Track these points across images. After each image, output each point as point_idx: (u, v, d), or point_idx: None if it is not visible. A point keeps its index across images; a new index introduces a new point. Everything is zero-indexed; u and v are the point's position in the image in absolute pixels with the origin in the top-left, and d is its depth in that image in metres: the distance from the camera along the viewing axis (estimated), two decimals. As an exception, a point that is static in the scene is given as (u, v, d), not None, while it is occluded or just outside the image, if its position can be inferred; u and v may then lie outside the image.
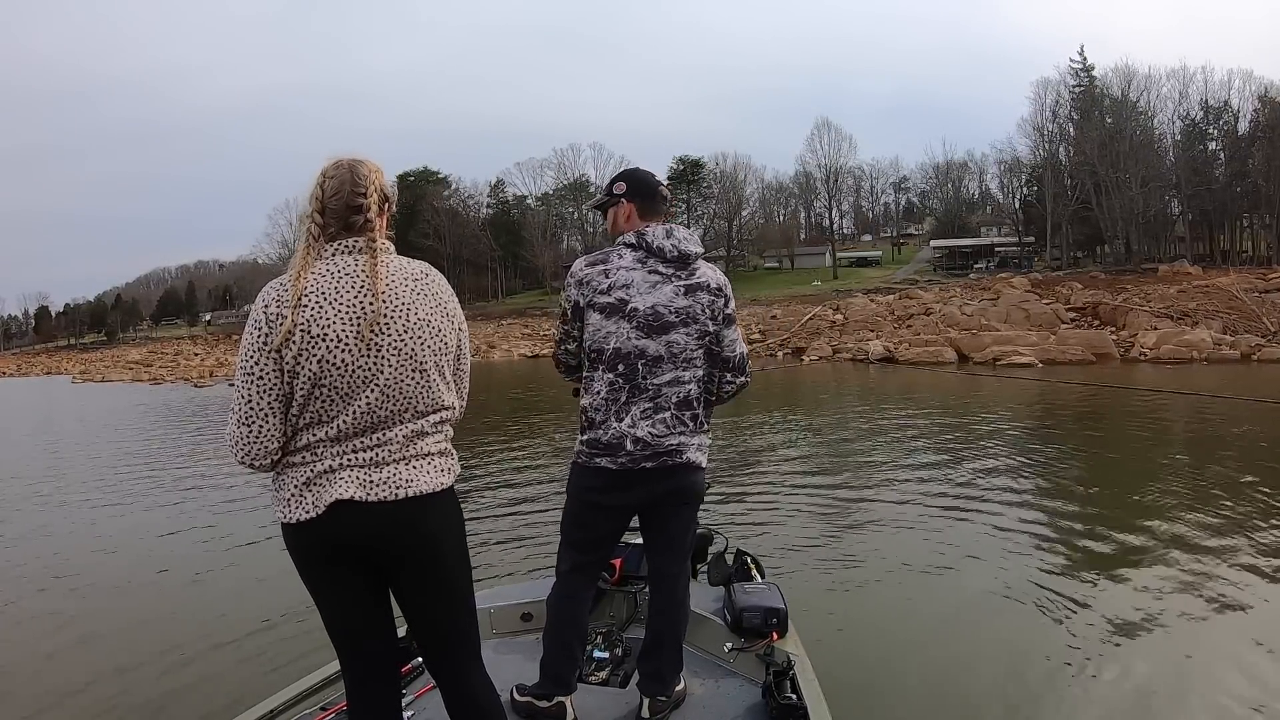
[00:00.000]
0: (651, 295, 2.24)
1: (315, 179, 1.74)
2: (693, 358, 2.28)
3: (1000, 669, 3.72)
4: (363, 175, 1.74)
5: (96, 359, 65.03)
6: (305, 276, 1.66)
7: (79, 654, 4.28)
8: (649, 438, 2.22)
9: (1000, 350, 24.04)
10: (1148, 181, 53.28)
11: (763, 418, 13.42)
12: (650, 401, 2.24)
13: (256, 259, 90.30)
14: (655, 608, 2.42)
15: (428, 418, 1.74)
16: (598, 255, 2.32)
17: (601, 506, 2.30)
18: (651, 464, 2.24)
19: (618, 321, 2.23)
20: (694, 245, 2.32)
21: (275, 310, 1.64)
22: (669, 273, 2.27)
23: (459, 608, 1.83)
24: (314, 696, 2.38)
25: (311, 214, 1.72)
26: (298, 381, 1.64)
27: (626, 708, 2.40)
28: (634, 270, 2.26)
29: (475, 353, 40.64)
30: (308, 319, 1.63)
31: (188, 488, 8.94)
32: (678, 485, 2.29)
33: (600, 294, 2.24)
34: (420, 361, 1.71)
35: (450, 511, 1.78)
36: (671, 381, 2.25)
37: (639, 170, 2.46)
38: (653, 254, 2.27)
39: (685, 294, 2.27)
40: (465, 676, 1.86)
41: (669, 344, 2.24)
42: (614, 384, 2.23)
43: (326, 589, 1.73)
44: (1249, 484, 7.16)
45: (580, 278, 2.28)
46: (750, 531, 5.98)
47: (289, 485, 1.67)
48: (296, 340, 1.62)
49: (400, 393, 1.69)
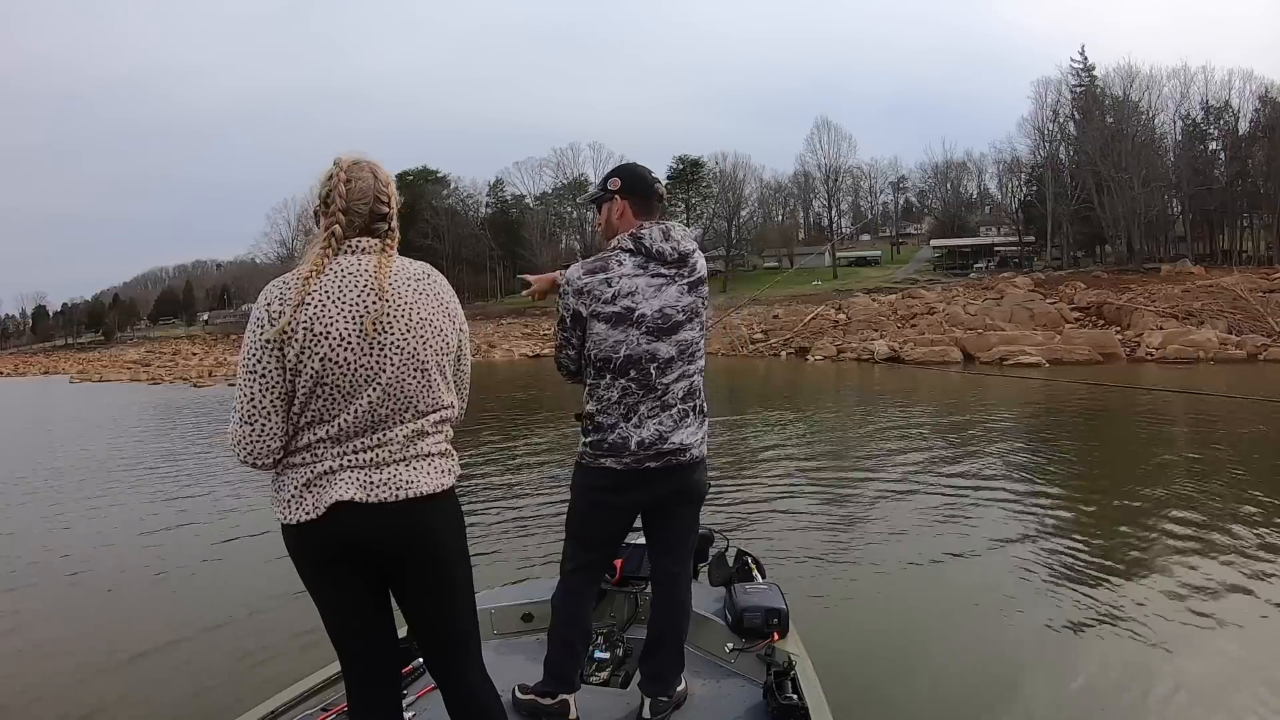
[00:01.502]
0: (658, 299, 2.22)
1: (332, 178, 1.72)
2: (699, 350, 2.31)
3: (1001, 669, 3.71)
4: (384, 181, 1.74)
5: (94, 359, 64.91)
6: (316, 277, 1.65)
7: (79, 654, 4.24)
8: (655, 437, 2.22)
9: (1007, 350, 23.99)
10: (1150, 181, 53.25)
11: (765, 417, 13.42)
12: (657, 400, 2.23)
13: (254, 259, 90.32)
14: (657, 608, 2.42)
15: (428, 417, 1.74)
16: (596, 263, 2.26)
17: (607, 506, 2.30)
18: (656, 464, 2.23)
19: (626, 330, 2.20)
20: (691, 243, 2.30)
21: (278, 308, 1.63)
22: (671, 274, 2.25)
23: (459, 609, 1.82)
24: (315, 697, 2.38)
25: (334, 212, 1.70)
26: (300, 380, 1.63)
27: (628, 708, 2.39)
28: (637, 277, 2.22)
29: (476, 352, 40.37)
30: (311, 316, 1.62)
31: (199, 486, 8.81)
32: (681, 485, 2.29)
33: (604, 304, 2.20)
34: (422, 361, 1.71)
35: (451, 512, 1.77)
36: (679, 377, 2.25)
37: (635, 166, 2.40)
38: (653, 258, 2.23)
39: (689, 291, 2.27)
40: (466, 677, 1.85)
41: (679, 343, 2.24)
42: (627, 389, 2.21)
43: (327, 590, 1.72)
44: (1260, 484, 7.11)
45: (579, 287, 2.23)
46: (751, 532, 5.97)
47: (289, 486, 1.66)
48: (299, 338, 1.62)
49: (402, 392, 1.69)
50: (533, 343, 43.32)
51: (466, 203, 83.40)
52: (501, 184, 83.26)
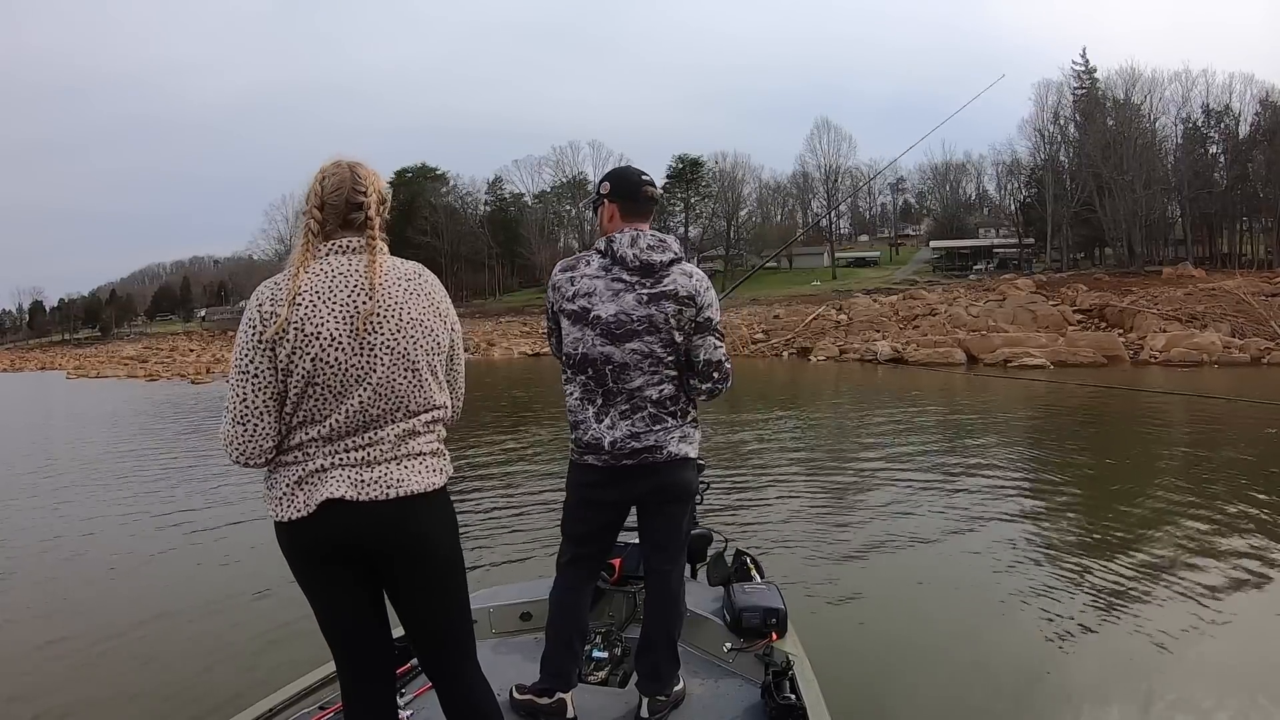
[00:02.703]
0: (614, 303, 2.24)
1: (314, 177, 1.76)
2: (660, 364, 2.26)
3: (1001, 669, 3.70)
4: (362, 175, 1.76)
5: (91, 355, 64.67)
6: (302, 275, 1.67)
7: (79, 654, 4.21)
8: (626, 437, 2.24)
9: (1011, 352, 23.93)
10: (1151, 184, 53.25)
11: (766, 417, 13.38)
12: (627, 403, 2.25)
13: (252, 255, 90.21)
14: (649, 605, 2.45)
15: (419, 417, 1.75)
16: (571, 261, 2.35)
17: (594, 502, 2.35)
18: (632, 462, 2.25)
19: (583, 329, 2.26)
20: (661, 254, 2.27)
21: (270, 309, 1.65)
22: (632, 280, 2.25)
23: (452, 607, 1.83)
24: (312, 696, 2.38)
25: (310, 209, 1.73)
26: (291, 380, 1.64)
27: (625, 707, 2.40)
28: (597, 279, 2.26)
29: (475, 351, 40.85)
30: (301, 317, 1.64)
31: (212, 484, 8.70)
32: (660, 483, 2.30)
33: (567, 300, 2.28)
34: (413, 361, 1.72)
35: (442, 511, 1.78)
36: (642, 385, 2.25)
37: (627, 169, 2.44)
38: (616, 262, 2.27)
39: (647, 302, 2.24)
40: (460, 677, 1.86)
41: (633, 351, 2.24)
42: (586, 386, 2.27)
43: (320, 588, 1.73)
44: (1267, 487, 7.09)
45: (554, 282, 2.33)
46: (750, 531, 5.96)
47: (280, 484, 1.67)
48: (290, 338, 1.63)
49: (393, 392, 1.70)
50: (531, 341, 43.24)
51: (465, 200, 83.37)
52: (500, 182, 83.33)
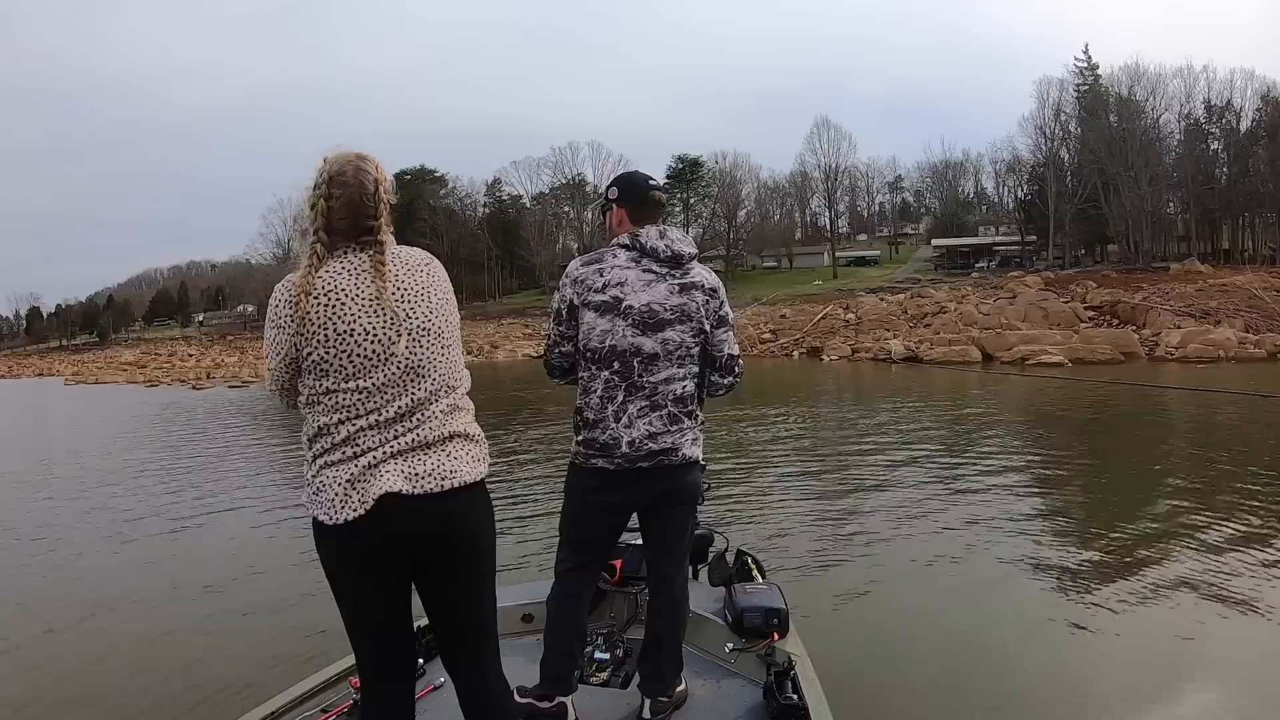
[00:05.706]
0: (646, 293, 2.27)
1: (318, 186, 1.70)
2: (688, 355, 2.31)
3: (1003, 669, 3.70)
4: (370, 193, 1.72)
5: (89, 360, 64.31)
6: (312, 279, 1.67)
7: (79, 655, 4.24)
8: (645, 436, 2.24)
9: (1028, 350, 23.75)
10: (1156, 180, 53.23)
11: (769, 416, 13.31)
12: (647, 399, 2.25)
13: (249, 259, 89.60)
14: (653, 608, 2.45)
15: (456, 391, 1.77)
16: (593, 255, 2.36)
17: (599, 506, 2.32)
18: (647, 464, 2.25)
19: (613, 319, 2.25)
20: (687, 246, 2.35)
21: (288, 311, 1.67)
22: (663, 271, 2.30)
23: (487, 602, 1.83)
24: (316, 698, 2.38)
25: (317, 231, 1.69)
26: (327, 380, 1.66)
27: (628, 709, 2.40)
28: (629, 269, 2.28)
29: (479, 353, 40.76)
30: (331, 318, 1.64)
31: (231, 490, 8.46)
32: (673, 486, 2.31)
33: (595, 292, 2.27)
34: (446, 339, 1.75)
35: (486, 504, 1.80)
36: (667, 379, 2.27)
37: (634, 174, 2.47)
38: (646, 254, 2.30)
39: (679, 292, 2.30)
40: (485, 671, 1.85)
41: (664, 341, 2.26)
42: (610, 382, 2.25)
43: (359, 587, 1.70)
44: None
45: (575, 276, 2.31)
46: (751, 532, 5.93)
47: (332, 485, 1.64)
48: (319, 337, 1.64)
49: (434, 369, 1.72)
50: (534, 343, 43.21)
51: (464, 202, 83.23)
52: (499, 183, 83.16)
